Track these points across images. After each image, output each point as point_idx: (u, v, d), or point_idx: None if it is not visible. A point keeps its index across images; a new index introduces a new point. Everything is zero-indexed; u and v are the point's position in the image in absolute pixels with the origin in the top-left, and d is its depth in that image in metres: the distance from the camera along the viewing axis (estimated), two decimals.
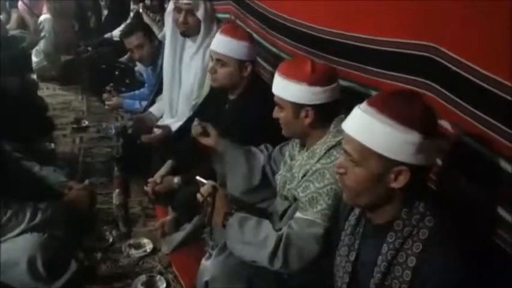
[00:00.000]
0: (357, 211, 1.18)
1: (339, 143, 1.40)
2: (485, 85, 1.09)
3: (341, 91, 1.52)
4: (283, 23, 2.23)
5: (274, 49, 2.38)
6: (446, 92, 1.25)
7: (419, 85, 1.34)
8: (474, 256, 1.01)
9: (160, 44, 3.05)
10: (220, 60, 1.96)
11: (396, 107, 1.01)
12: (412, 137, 0.98)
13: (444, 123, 1.24)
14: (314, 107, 1.43)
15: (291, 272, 1.38)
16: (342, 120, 1.47)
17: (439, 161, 1.24)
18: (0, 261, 1.58)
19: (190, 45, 2.49)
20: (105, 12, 5.56)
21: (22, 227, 1.63)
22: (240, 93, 2.04)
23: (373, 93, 1.55)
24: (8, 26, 5.10)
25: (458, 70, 1.19)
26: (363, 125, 1.04)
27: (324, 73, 1.45)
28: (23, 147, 2.36)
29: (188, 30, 2.40)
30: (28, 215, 1.64)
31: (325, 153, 1.43)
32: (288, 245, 1.36)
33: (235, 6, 2.90)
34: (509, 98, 1.03)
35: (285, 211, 1.56)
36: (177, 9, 2.38)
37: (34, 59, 4.43)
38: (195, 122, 1.88)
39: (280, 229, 1.42)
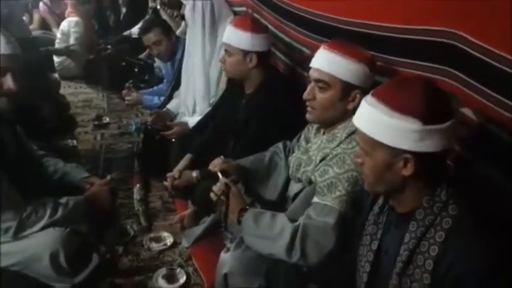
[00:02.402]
0: (380, 200, 1.16)
1: None
2: (510, 71, 1.04)
3: None
4: (299, 13, 2.19)
5: (287, 39, 2.36)
6: (469, 79, 1.20)
7: (441, 73, 1.28)
8: (499, 247, 0.97)
9: (178, 40, 3.07)
10: (227, 51, 1.99)
11: (394, 95, 1.00)
12: (412, 124, 0.96)
13: (467, 111, 1.20)
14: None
15: (310, 265, 1.36)
16: None
17: (463, 150, 1.20)
18: (23, 256, 1.61)
19: (211, 42, 2.51)
20: (124, 10, 5.61)
21: (43, 222, 1.65)
22: (256, 87, 2.02)
23: None
24: (30, 27, 5.22)
25: (481, 56, 1.14)
26: (366, 116, 1.04)
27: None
28: (46, 144, 2.43)
29: None
30: (49, 210, 1.66)
31: (346, 137, 1.40)
32: (304, 235, 1.34)
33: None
34: None
35: (297, 194, 1.54)
36: None
37: (56, 59, 4.52)
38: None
39: (295, 219, 1.40)
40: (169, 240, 2.11)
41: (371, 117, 1.02)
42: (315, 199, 1.40)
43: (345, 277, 1.25)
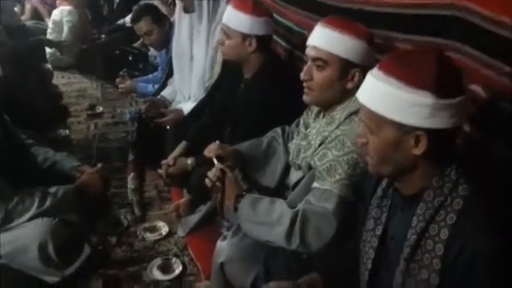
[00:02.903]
0: (383, 182, 1.09)
1: None
2: None
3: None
4: None
5: (287, 23, 2.27)
6: (477, 53, 1.13)
7: (445, 48, 1.21)
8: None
9: (171, 27, 2.97)
10: (225, 33, 1.88)
11: (405, 67, 0.92)
12: (424, 99, 0.89)
13: (475, 88, 1.13)
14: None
15: (310, 252, 1.30)
16: None
17: (473, 129, 1.13)
18: (11, 247, 1.54)
19: (198, 22, 2.39)
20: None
21: (31, 212, 1.59)
22: (255, 72, 1.93)
23: None
24: (22, 17, 5.12)
25: (490, 27, 1.07)
26: (372, 90, 0.96)
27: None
28: (37, 134, 2.36)
29: (190, 7, 2.31)
30: (37, 200, 1.60)
31: (345, 119, 1.33)
32: (304, 221, 1.27)
33: None
34: None
35: (298, 183, 1.47)
36: None
37: (48, 50, 4.42)
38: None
39: (294, 207, 1.33)
40: (165, 230, 2.05)
41: (378, 92, 0.94)
42: (315, 184, 1.34)
43: (347, 264, 1.19)
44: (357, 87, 1.33)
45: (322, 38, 1.33)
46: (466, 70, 1.13)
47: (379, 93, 0.94)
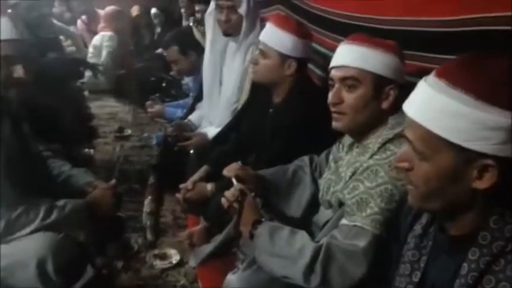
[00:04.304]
0: (424, 219, 0.92)
1: (397, 136, 1.15)
2: None
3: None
4: (334, 18, 2.02)
5: (323, 49, 2.18)
6: None
7: None
8: None
9: (202, 54, 2.94)
10: (262, 51, 1.77)
11: (477, 78, 0.75)
12: (504, 120, 0.72)
13: None
14: None
15: None
16: (403, 113, 1.24)
17: None
18: (10, 261, 1.43)
19: (231, 46, 2.34)
20: (158, 30, 5.67)
21: (34, 225, 1.48)
22: (285, 96, 1.81)
23: None
24: (66, 43, 5.32)
25: None
26: (429, 104, 0.78)
27: None
28: (59, 148, 2.33)
29: (230, 29, 2.26)
30: (42, 212, 1.50)
31: (380, 148, 1.18)
32: (328, 257, 1.11)
33: (284, 9, 2.74)
34: None
35: (328, 222, 1.31)
36: (219, 8, 2.25)
37: (86, 73, 4.52)
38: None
39: (319, 241, 1.17)
40: (176, 258, 1.91)
41: (438, 108, 0.77)
42: (343, 221, 1.19)
43: None
44: (392, 106, 1.21)
45: (350, 55, 1.21)
46: None
47: (439, 108, 0.77)
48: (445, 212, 0.83)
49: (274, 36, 1.74)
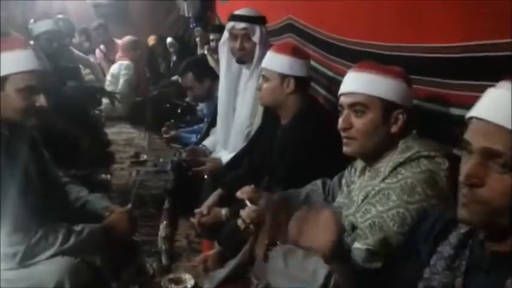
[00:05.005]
0: (453, 239, 0.89)
1: (408, 160, 1.17)
2: None
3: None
4: (343, 45, 2.07)
5: (330, 73, 2.23)
6: None
7: None
8: None
9: (216, 81, 3.01)
10: (264, 76, 1.88)
11: None
12: None
13: None
14: None
15: None
16: (414, 137, 1.25)
17: None
18: (25, 284, 1.47)
19: (245, 73, 2.40)
20: (174, 58, 5.80)
21: (53, 249, 1.51)
22: (292, 117, 1.87)
23: (454, 110, 1.30)
24: (85, 71, 5.48)
25: None
26: None
27: None
28: (77, 174, 2.38)
29: (245, 56, 2.32)
30: (60, 237, 1.53)
31: (391, 171, 1.19)
32: None
33: (295, 37, 2.80)
34: None
35: None
36: (233, 36, 2.32)
37: (103, 100, 4.64)
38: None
39: None
40: (190, 283, 1.91)
41: None
42: (356, 244, 1.19)
43: None
44: (401, 130, 1.23)
45: (358, 82, 1.25)
46: None
47: None
48: (494, 225, 0.78)
49: (273, 59, 1.86)
